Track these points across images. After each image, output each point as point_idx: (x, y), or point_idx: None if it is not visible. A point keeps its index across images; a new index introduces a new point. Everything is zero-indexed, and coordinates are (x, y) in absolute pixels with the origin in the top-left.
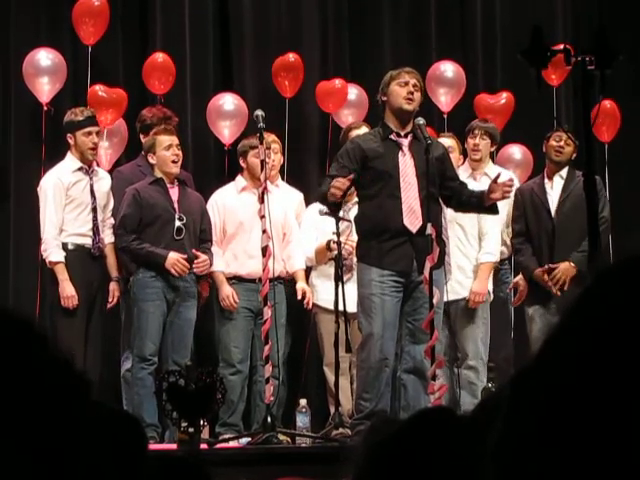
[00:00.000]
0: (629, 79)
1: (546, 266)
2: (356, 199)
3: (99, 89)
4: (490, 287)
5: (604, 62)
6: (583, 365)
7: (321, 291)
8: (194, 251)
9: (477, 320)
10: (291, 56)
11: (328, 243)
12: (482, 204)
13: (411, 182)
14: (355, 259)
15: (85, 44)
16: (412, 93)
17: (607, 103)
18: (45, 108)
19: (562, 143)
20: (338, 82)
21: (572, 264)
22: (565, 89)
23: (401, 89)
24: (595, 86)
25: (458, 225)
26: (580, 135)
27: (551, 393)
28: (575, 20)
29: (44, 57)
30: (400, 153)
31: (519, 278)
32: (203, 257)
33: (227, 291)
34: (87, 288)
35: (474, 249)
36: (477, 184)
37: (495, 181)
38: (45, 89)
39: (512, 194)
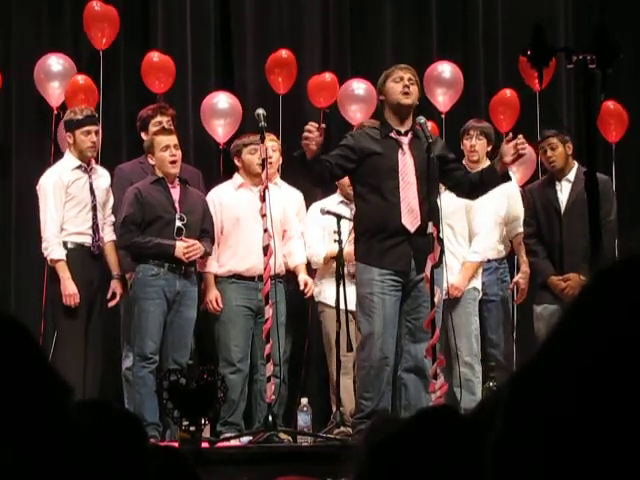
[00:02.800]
0: (637, 79)
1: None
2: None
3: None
4: (479, 285)
5: (605, 61)
6: (583, 365)
7: (328, 289)
8: (183, 238)
9: (469, 317)
10: (284, 52)
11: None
12: (495, 175)
13: (410, 181)
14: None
15: (97, 48)
16: (408, 87)
17: (610, 104)
18: (55, 112)
19: (549, 153)
20: (328, 76)
21: (582, 277)
22: (566, 89)
23: (397, 85)
24: (597, 85)
25: (447, 225)
26: (581, 135)
27: (551, 392)
28: (576, 19)
29: (55, 62)
30: (400, 151)
31: (519, 277)
32: (192, 241)
33: (211, 295)
34: (87, 287)
35: (463, 249)
36: None
37: (507, 142)
38: (56, 94)
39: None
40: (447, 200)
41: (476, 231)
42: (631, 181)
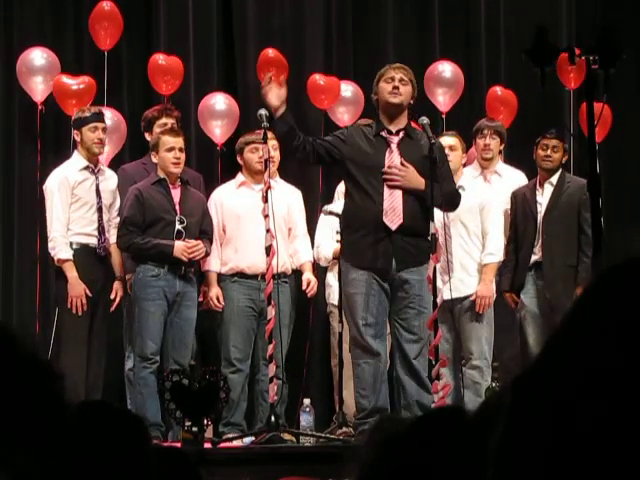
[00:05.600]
0: (623, 79)
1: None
2: None
3: (64, 78)
4: (493, 286)
5: (608, 61)
6: (585, 366)
7: (337, 291)
8: (186, 240)
9: (481, 319)
10: (270, 51)
11: None
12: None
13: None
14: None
15: (101, 49)
16: (397, 88)
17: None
18: (39, 107)
19: (549, 152)
20: (318, 77)
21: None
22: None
23: (387, 85)
24: (599, 85)
25: (461, 223)
26: (582, 135)
27: (553, 395)
28: (579, 19)
29: (38, 56)
30: (388, 150)
31: None
32: (194, 242)
33: (212, 293)
34: (90, 287)
35: (477, 247)
36: (488, 184)
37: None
38: (39, 89)
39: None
40: (462, 198)
41: (488, 230)
42: (614, 181)
